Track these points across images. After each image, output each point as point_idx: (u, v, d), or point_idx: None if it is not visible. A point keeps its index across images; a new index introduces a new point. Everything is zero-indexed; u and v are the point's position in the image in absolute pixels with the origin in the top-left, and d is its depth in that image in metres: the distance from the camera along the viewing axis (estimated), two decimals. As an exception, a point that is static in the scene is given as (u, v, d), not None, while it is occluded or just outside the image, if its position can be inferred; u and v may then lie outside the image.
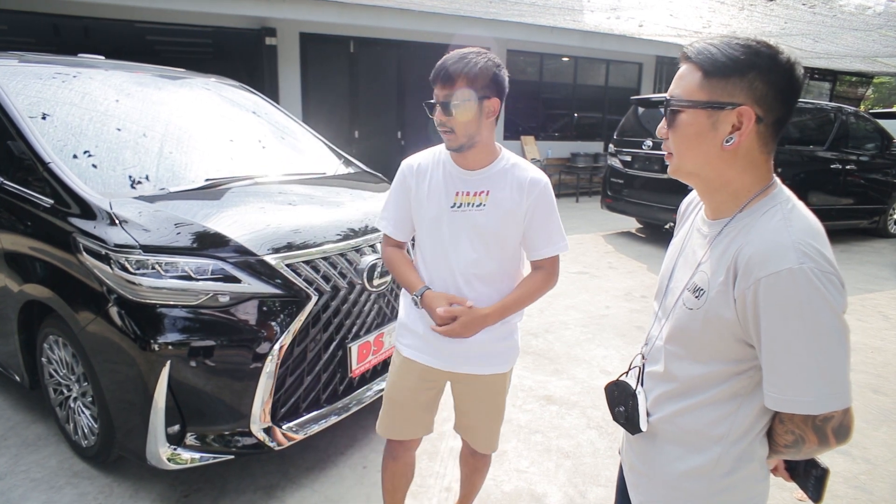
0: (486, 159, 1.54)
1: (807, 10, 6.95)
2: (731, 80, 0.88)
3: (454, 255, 1.55)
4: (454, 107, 1.44)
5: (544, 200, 1.54)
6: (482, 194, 1.52)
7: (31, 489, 2.19)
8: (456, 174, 1.55)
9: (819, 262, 0.83)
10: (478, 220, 1.52)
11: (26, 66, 2.76)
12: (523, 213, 1.53)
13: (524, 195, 1.52)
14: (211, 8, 7.29)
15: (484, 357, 1.61)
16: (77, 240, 2.07)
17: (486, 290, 1.57)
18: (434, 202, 1.55)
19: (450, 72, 1.43)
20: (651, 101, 7.23)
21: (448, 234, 1.55)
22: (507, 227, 1.53)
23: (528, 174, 1.54)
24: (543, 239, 1.56)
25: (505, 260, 1.58)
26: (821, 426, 0.87)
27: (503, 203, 1.51)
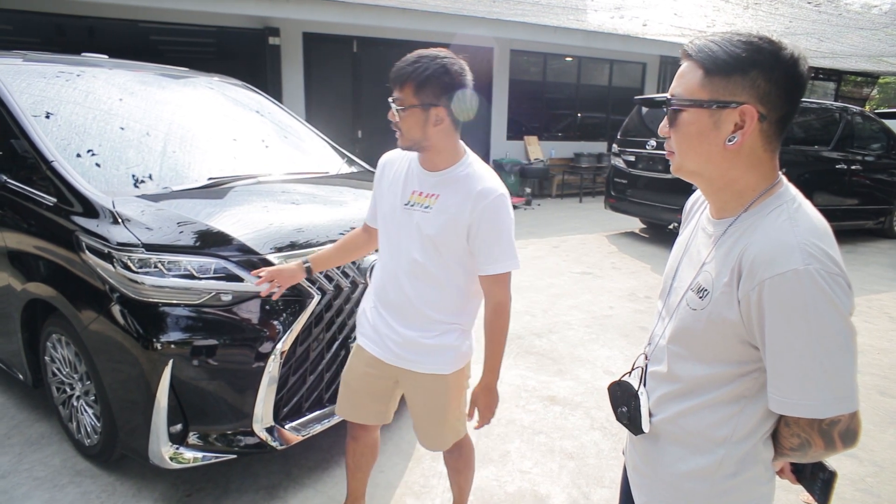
0: (444, 163, 1.53)
1: (812, 9, 6.92)
2: (732, 79, 0.87)
3: (398, 252, 1.57)
4: (399, 110, 1.45)
5: (491, 214, 1.47)
6: (432, 197, 1.52)
7: (35, 487, 2.19)
8: (417, 173, 1.56)
9: (825, 264, 0.81)
10: (420, 222, 1.51)
11: (30, 64, 2.77)
12: (466, 224, 1.48)
13: (469, 206, 1.47)
14: (214, 8, 7.30)
15: (421, 354, 1.60)
16: (80, 238, 2.07)
17: (431, 293, 1.56)
18: (391, 196, 1.59)
19: (399, 74, 1.44)
20: (655, 100, 7.20)
21: (395, 231, 1.57)
22: (448, 234, 1.49)
23: (480, 185, 1.49)
24: (486, 255, 1.50)
25: (450, 268, 1.54)
26: (827, 430, 0.85)
27: (448, 210, 1.49)
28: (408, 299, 1.57)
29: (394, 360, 1.63)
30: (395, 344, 1.61)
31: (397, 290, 1.59)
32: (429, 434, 1.75)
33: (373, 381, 1.72)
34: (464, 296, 1.61)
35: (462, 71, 1.46)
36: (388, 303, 1.62)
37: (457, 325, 1.62)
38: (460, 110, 1.47)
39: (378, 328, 1.65)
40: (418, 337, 1.59)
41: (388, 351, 1.63)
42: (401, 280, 1.58)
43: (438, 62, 1.42)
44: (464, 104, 1.47)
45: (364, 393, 1.75)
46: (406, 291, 1.57)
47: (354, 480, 1.94)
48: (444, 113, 1.45)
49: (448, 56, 1.45)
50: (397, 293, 1.59)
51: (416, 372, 1.63)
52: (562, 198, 10.76)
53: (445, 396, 1.67)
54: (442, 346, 1.61)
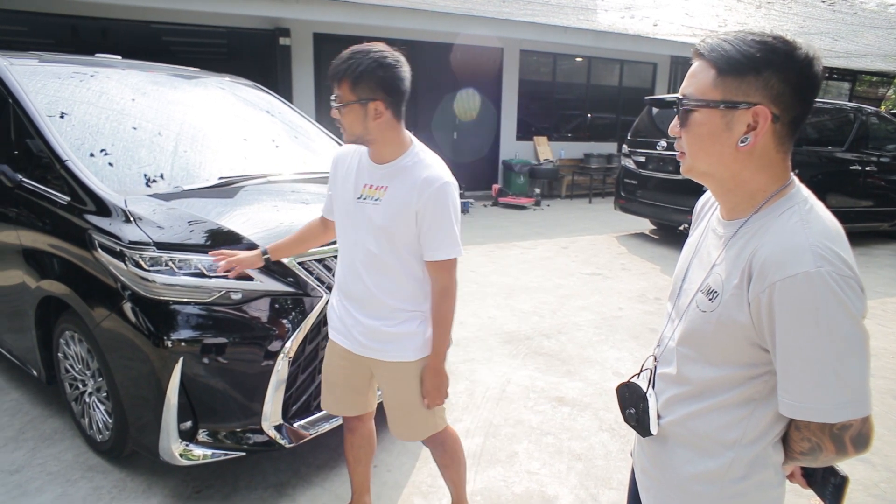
0: (390, 154, 1.56)
1: (826, 8, 6.84)
2: (746, 79, 0.85)
3: (354, 245, 1.61)
4: (339, 107, 1.48)
5: (436, 202, 1.51)
6: (381, 189, 1.56)
7: (48, 482, 2.22)
8: (368, 166, 1.59)
9: (837, 266, 0.80)
10: (372, 215, 1.56)
11: (45, 65, 2.81)
12: (414, 213, 1.52)
13: (416, 194, 1.51)
14: (225, 9, 7.36)
15: (385, 343, 1.64)
16: (92, 236, 2.09)
17: (389, 283, 1.61)
18: (344, 191, 1.62)
19: (335, 72, 1.46)
20: (665, 101, 7.15)
21: (350, 225, 1.61)
22: (398, 224, 1.54)
23: (425, 173, 1.52)
24: (429, 241, 1.55)
25: (403, 258, 1.59)
26: (838, 434, 0.84)
27: (397, 200, 1.53)
28: (367, 290, 1.61)
29: (361, 350, 1.68)
30: (361, 334, 1.66)
31: (357, 281, 1.63)
32: (399, 422, 1.78)
33: (348, 372, 1.76)
34: (421, 284, 1.64)
35: (397, 63, 1.48)
36: (350, 295, 1.67)
37: (418, 312, 1.66)
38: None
39: (344, 320, 1.69)
40: (381, 326, 1.63)
41: (355, 342, 1.67)
42: (359, 272, 1.62)
43: (371, 57, 1.44)
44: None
45: (342, 385, 1.79)
46: (365, 282, 1.61)
47: (356, 475, 1.97)
48: (382, 106, 1.47)
49: (381, 50, 1.48)
50: (357, 285, 1.63)
51: (383, 361, 1.67)
52: (571, 198, 10.72)
53: (413, 383, 1.69)
54: (405, 333, 1.64)
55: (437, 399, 1.70)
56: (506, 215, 8.79)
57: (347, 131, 1.52)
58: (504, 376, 3.29)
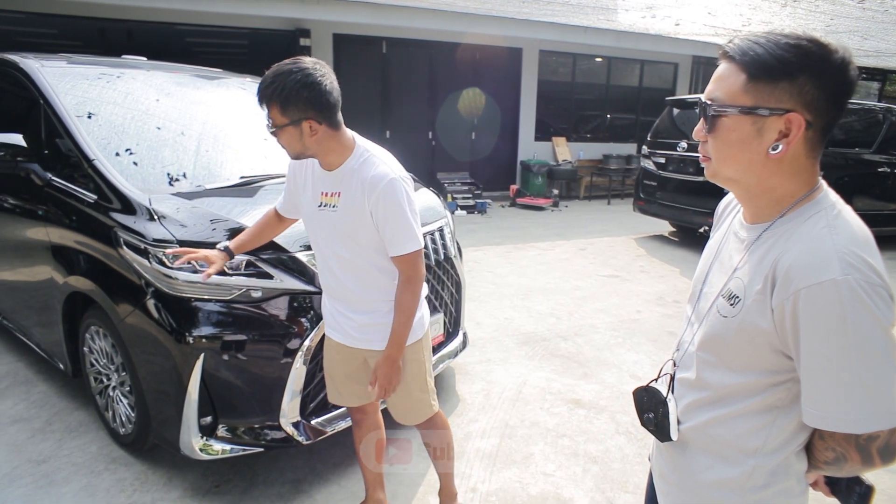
0: (336, 161, 1.57)
1: (855, 6, 6.68)
2: (779, 85, 0.82)
3: (327, 251, 1.66)
4: (271, 131, 1.50)
5: (385, 200, 1.53)
6: (336, 195, 1.59)
7: (73, 473, 2.28)
8: (320, 174, 1.62)
9: (866, 273, 0.78)
10: (334, 221, 1.60)
11: (74, 67, 2.88)
12: (369, 214, 1.56)
13: (366, 195, 1.54)
14: (247, 10, 7.46)
15: (375, 333, 1.71)
16: (118, 234, 2.14)
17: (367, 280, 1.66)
18: (306, 200, 1.66)
19: (262, 96, 1.46)
20: (687, 102, 7.06)
21: (319, 231, 1.66)
22: (359, 226, 1.57)
23: (370, 173, 1.54)
24: (388, 239, 1.58)
25: (371, 257, 1.63)
26: (865, 445, 0.82)
27: (351, 204, 1.56)
28: (348, 289, 1.68)
29: (353, 342, 1.74)
30: (352, 328, 1.72)
31: (337, 282, 1.69)
32: (398, 408, 1.86)
33: (345, 365, 1.82)
34: (394, 277, 1.68)
35: (322, 77, 1.46)
36: (334, 293, 1.74)
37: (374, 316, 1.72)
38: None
39: (335, 316, 1.75)
40: (369, 319, 1.70)
41: (348, 336, 1.74)
42: (336, 274, 1.68)
43: (294, 77, 1.42)
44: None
45: (342, 377, 1.85)
46: (344, 283, 1.68)
47: (368, 470, 2.01)
48: (315, 123, 1.48)
49: (303, 67, 1.45)
50: (338, 285, 1.69)
51: (376, 350, 1.72)
52: (590, 200, 10.63)
53: (405, 370, 1.75)
54: (375, 324, 1.71)
55: (387, 390, 1.70)
56: (523, 216, 8.76)
57: (288, 150, 1.56)
58: (520, 377, 3.29)
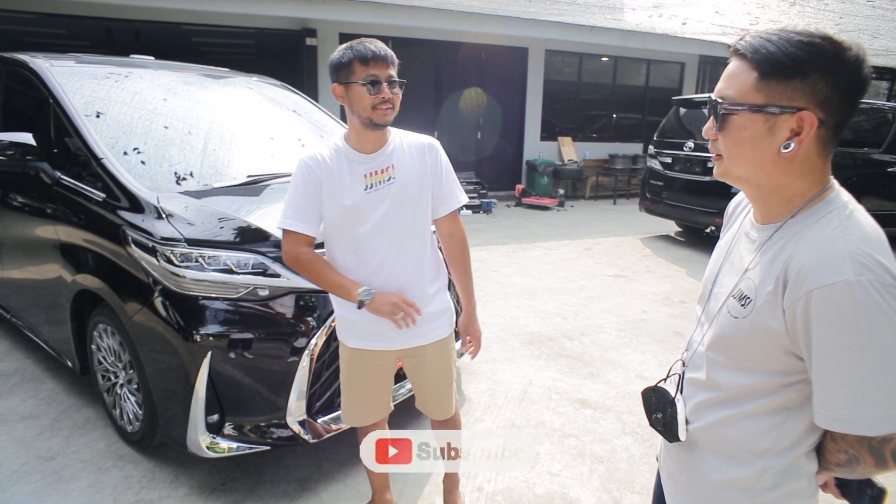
0: (382, 139, 1.64)
1: (865, 4, 6.63)
2: (791, 83, 0.81)
3: (384, 231, 1.63)
4: (399, 85, 1.58)
5: (438, 156, 1.70)
6: (389, 168, 1.63)
7: (81, 469, 2.29)
8: (359, 160, 1.62)
9: (879, 274, 0.77)
10: (392, 192, 1.62)
11: (83, 66, 2.90)
12: (428, 174, 1.67)
13: (424, 157, 1.67)
14: (253, 10, 7.48)
15: (422, 326, 1.70)
16: (126, 232, 2.15)
17: (417, 261, 1.69)
18: (348, 190, 1.61)
19: (393, 55, 1.58)
20: (694, 101, 7.02)
21: (371, 215, 1.62)
22: (419, 189, 1.66)
23: (421, 140, 1.70)
24: (448, 192, 1.72)
25: (425, 227, 1.70)
26: (878, 448, 0.81)
27: (411, 171, 1.64)
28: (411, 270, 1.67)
29: (398, 344, 1.71)
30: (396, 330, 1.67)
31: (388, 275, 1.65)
32: (441, 399, 1.86)
33: (377, 376, 1.80)
34: (436, 254, 1.77)
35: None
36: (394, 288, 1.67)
37: (443, 285, 1.79)
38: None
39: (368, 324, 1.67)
40: (424, 309, 1.69)
41: (390, 339, 1.69)
42: (391, 258, 1.65)
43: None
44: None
45: (373, 391, 1.82)
46: (406, 265, 1.67)
47: (377, 479, 2.00)
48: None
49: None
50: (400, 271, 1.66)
51: (422, 346, 1.73)
52: (595, 200, 10.60)
53: (450, 356, 1.81)
54: (441, 310, 1.76)
55: (480, 344, 1.86)
56: (529, 216, 8.74)
57: (394, 109, 1.58)
58: (526, 377, 3.28)
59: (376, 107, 1.53)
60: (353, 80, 1.53)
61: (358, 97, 1.53)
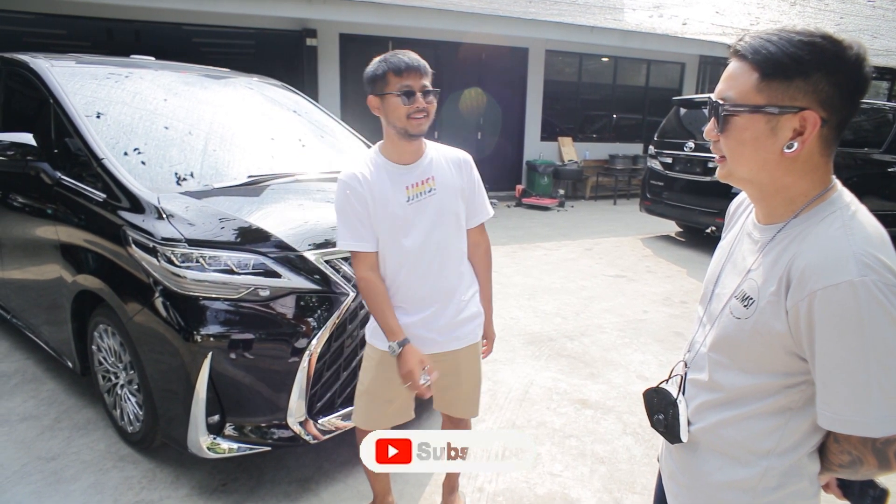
0: (419, 150, 1.67)
1: (866, 4, 6.64)
2: (793, 83, 0.81)
3: (425, 244, 1.65)
4: (433, 95, 1.60)
5: (472, 170, 1.76)
6: (430, 180, 1.66)
7: (82, 470, 2.29)
8: (399, 172, 1.65)
9: (882, 275, 0.77)
10: (433, 204, 1.66)
11: (83, 66, 2.90)
12: (462, 187, 1.72)
13: (461, 171, 1.72)
14: (254, 10, 7.49)
15: (457, 332, 1.76)
16: (127, 233, 2.15)
17: (455, 268, 1.74)
18: (391, 203, 1.63)
19: (426, 65, 1.60)
20: (694, 101, 7.02)
21: (413, 227, 1.65)
22: (457, 201, 1.70)
23: (456, 154, 1.75)
24: (479, 205, 1.79)
25: (460, 235, 1.75)
26: (881, 449, 0.81)
27: (448, 182, 1.68)
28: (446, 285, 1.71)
29: (431, 348, 1.72)
30: (439, 332, 1.72)
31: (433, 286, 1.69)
32: (470, 400, 1.91)
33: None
34: (466, 261, 1.81)
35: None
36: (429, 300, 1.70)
37: (476, 291, 1.83)
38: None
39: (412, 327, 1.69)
40: (457, 316, 1.74)
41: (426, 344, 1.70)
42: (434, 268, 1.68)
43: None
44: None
45: (399, 397, 1.79)
46: (447, 275, 1.71)
47: (378, 481, 1.98)
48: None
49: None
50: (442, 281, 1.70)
51: (454, 350, 1.76)
52: (595, 200, 10.60)
53: (479, 359, 1.88)
54: (474, 314, 1.81)
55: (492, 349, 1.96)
56: (529, 216, 8.74)
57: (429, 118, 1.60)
58: (527, 377, 3.28)
59: (411, 116, 1.55)
60: (388, 92, 1.55)
61: (393, 108, 1.55)
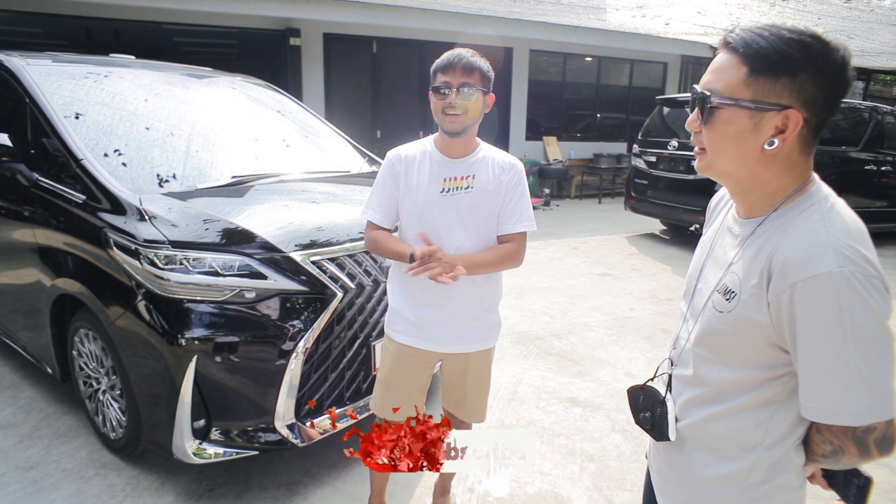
0: (469, 148, 1.70)
1: (842, 6, 6.77)
2: (780, 81, 0.82)
3: (445, 236, 1.67)
4: (470, 93, 1.59)
5: (519, 180, 1.72)
6: (469, 178, 1.67)
7: (63, 479, 2.24)
8: (443, 163, 1.68)
9: (861, 266, 0.78)
10: (466, 201, 1.66)
11: (60, 65, 2.83)
12: (501, 192, 1.69)
13: (503, 176, 1.69)
14: (236, 9, 7.40)
15: (472, 335, 1.76)
16: (108, 235, 2.11)
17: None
18: (424, 189, 1.67)
19: (470, 62, 1.60)
20: (677, 101, 7.10)
21: (438, 217, 1.67)
22: (490, 205, 1.68)
23: (506, 158, 1.74)
24: (516, 215, 1.71)
25: (486, 236, 1.72)
26: (862, 438, 0.82)
27: (487, 184, 1.67)
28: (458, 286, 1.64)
29: (444, 347, 1.74)
30: (451, 332, 1.73)
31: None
32: (477, 405, 1.91)
33: (419, 374, 1.82)
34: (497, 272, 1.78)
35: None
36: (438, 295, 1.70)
37: (496, 300, 1.82)
38: None
39: (424, 323, 1.72)
40: (473, 319, 1.74)
41: (439, 340, 1.73)
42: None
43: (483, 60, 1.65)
44: None
45: (411, 388, 1.83)
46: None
47: (377, 477, 1.99)
48: (492, 101, 1.66)
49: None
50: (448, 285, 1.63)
51: (466, 353, 1.77)
52: (581, 199, 10.67)
53: (489, 367, 1.88)
54: (491, 322, 1.80)
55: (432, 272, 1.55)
56: (515, 215, 8.76)
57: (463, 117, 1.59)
58: (515, 376, 3.28)
59: (445, 112, 1.59)
60: (431, 87, 1.62)
61: (433, 103, 1.62)
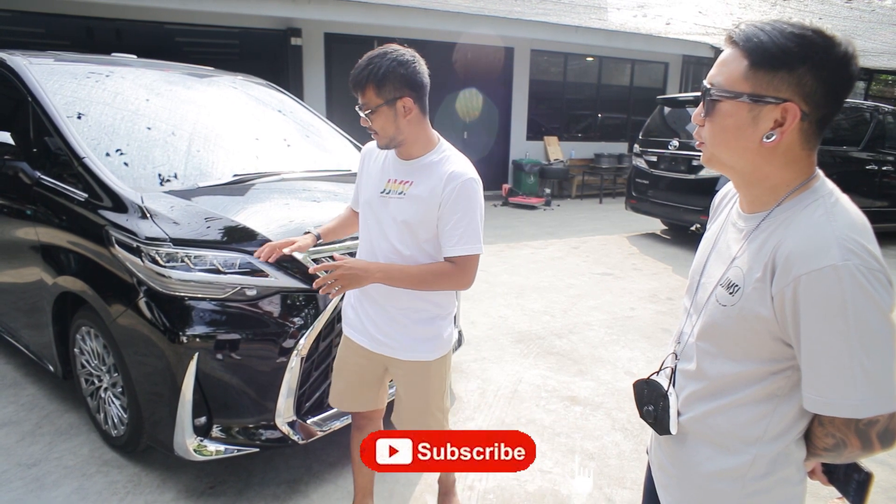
0: (418, 151, 1.57)
1: (843, 6, 6.77)
2: (778, 74, 0.83)
3: (377, 239, 1.61)
4: (369, 113, 1.49)
5: (460, 196, 1.49)
6: (406, 184, 1.56)
7: (64, 476, 2.25)
8: (393, 162, 1.61)
9: (865, 259, 0.79)
10: (395, 208, 1.56)
11: (62, 65, 2.84)
12: (437, 206, 1.51)
13: (441, 188, 1.50)
14: (238, 9, 7.41)
15: (406, 343, 1.64)
16: (109, 232, 2.11)
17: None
18: (370, 186, 1.63)
19: (357, 80, 1.48)
20: (678, 100, 7.11)
21: (373, 219, 1.61)
22: (420, 217, 1.52)
23: (452, 168, 1.52)
24: (454, 236, 1.51)
25: (422, 251, 1.57)
26: (864, 430, 0.83)
27: (421, 194, 1.53)
28: (389, 288, 1.58)
29: (380, 348, 1.67)
30: (382, 333, 1.65)
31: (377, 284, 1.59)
32: (409, 421, 1.76)
33: (363, 369, 1.75)
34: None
35: (414, 58, 1.50)
36: (369, 291, 1.64)
37: (439, 311, 1.66)
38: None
39: (363, 319, 1.69)
40: (403, 325, 1.63)
41: (375, 340, 1.67)
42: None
43: (389, 57, 1.46)
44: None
45: (356, 381, 1.78)
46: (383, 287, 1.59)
47: (361, 476, 1.96)
48: (410, 102, 1.49)
49: (396, 49, 1.50)
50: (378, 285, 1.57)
51: (401, 360, 1.66)
52: (581, 199, 10.67)
53: (428, 384, 1.71)
54: (426, 333, 1.64)
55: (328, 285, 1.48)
56: (516, 215, 8.76)
57: (381, 135, 1.52)
58: (516, 375, 3.29)
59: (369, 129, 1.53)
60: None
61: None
